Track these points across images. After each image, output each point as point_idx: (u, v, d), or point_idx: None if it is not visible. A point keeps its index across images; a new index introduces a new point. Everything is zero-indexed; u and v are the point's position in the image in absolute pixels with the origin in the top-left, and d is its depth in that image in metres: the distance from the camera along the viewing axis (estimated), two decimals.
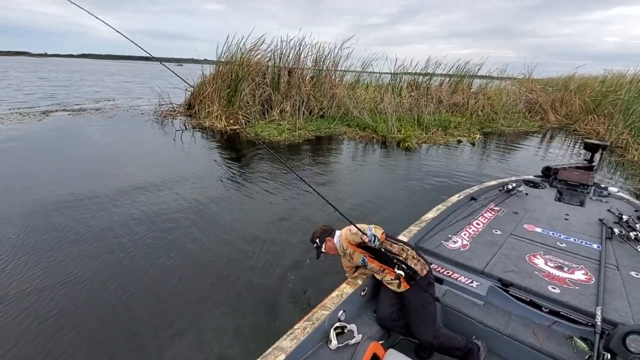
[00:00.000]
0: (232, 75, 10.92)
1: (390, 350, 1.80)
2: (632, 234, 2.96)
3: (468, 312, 2.31)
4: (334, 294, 2.06)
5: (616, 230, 3.01)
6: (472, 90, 15.62)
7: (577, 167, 4.34)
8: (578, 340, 2.06)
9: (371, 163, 7.82)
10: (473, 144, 10.49)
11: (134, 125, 10.69)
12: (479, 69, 15.59)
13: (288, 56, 11.96)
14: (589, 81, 16.77)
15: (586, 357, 1.93)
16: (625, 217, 3.27)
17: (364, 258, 2.20)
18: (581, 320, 2.10)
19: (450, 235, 2.92)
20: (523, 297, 2.23)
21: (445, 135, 10.99)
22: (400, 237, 2.72)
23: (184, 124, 10.91)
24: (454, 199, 3.58)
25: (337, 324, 1.94)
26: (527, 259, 2.60)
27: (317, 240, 2.33)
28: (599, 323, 1.98)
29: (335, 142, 9.67)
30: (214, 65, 11.88)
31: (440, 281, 2.55)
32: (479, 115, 14.15)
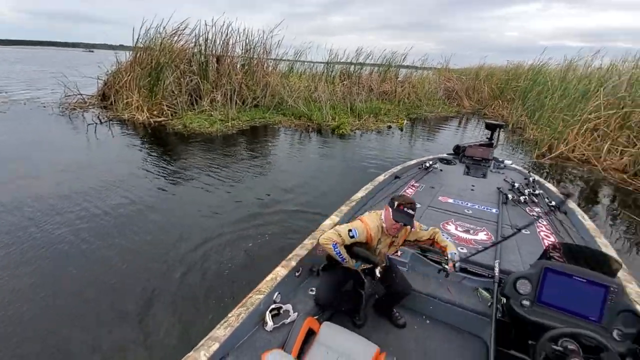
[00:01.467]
0: (152, 62, 10.01)
1: (325, 323, 1.89)
2: (522, 198, 3.50)
3: None
4: (268, 278, 2.08)
5: (510, 196, 3.53)
6: (399, 79, 16.63)
7: (480, 145, 4.96)
8: (482, 291, 2.39)
9: (308, 150, 7.92)
10: (401, 129, 11.25)
11: (34, 120, 9.22)
12: (404, 59, 16.65)
13: (215, 42, 11.36)
14: (495, 71, 19.05)
15: (489, 304, 2.26)
16: (517, 185, 3.85)
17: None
18: (484, 274, 2.44)
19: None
20: (438, 260, 2.51)
21: (376, 121, 11.59)
22: (333, 217, 2.84)
23: (98, 117, 9.72)
24: (380, 178, 3.83)
25: (273, 306, 1.97)
26: (442, 226, 2.91)
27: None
28: (497, 274, 2.31)
29: (271, 132, 9.56)
30: (131, 52, 10.75)
31: None
32: (406, 102, 15.17)
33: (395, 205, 2.02)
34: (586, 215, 3.16)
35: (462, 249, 2.60)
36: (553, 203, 3.43)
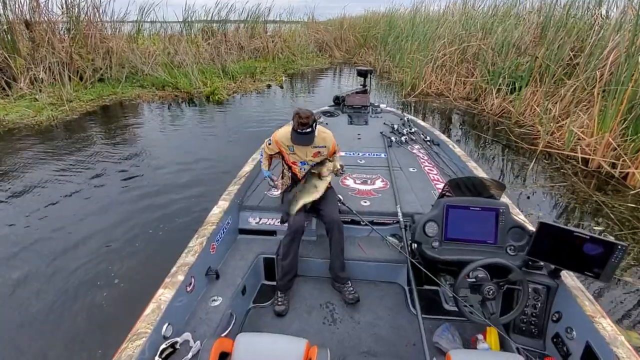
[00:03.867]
0: None
1: (239, 337, 1.53)
2: (403, 139, 3.68)
3: (304, 252, 2.31)
4: (148, 311, 1.55)
5: (393, 139, 3.66)
6: (268, 34, 15.76)
7: (357, 92, 5.01)
8: (390, 238, 2.40)
9: (183, 125, 6.84)
10: (281, 87, 10.85)
11: None
12: (269, 13, 15.72)
13: (20, 2, 8.35)
14: (356, 20, 19.92)
15: (399, 249, 2.27)
16: (395, 126, 4.02)
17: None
18: (389, 222, 2.44)
19: (272, 184, 2.80)
20: (345, 219, 2.39)
21: (254, 81, 10.85)
22: (221, 202, 2.38)
23: None
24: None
25: (163, 345, 1.48)
26: (340, 183, 2.80)
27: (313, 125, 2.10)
28: (401, 219, 2.33)
29: (131, 110, 7.88)
30: None
31: (273, 233, 2.44)
32: (280, 58, 14.63)
33: (292, 125, 2.11)
34: (455, 144, 3.52)
35: (365, 202, 2.53)
36: (428, 138, 3.72)
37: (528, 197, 3.96)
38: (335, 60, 17.08)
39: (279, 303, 2.10)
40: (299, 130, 2.07)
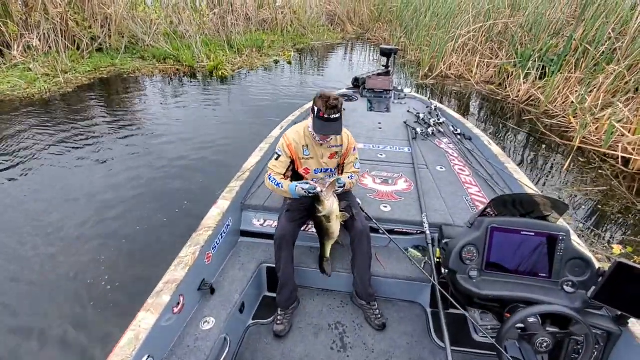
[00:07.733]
0: None
1: None
2: (430, 130, 3.24)
3: (314, 263, 2.00)
4: (124, 341, 1.24)
5: (418, 130, 3.22)
6: (277, 4, 14.87)
7: (379, 74, 4.50)
8: (412, 250, 2.06)
9: (186, 102, 6.39)
10: (290, 63, 10.24)
11: None
12: None
13: None
14: None
15: (422, 265, 1.94)
16: (421, 115, 3.55)
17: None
18: (412, 231, 2.09)
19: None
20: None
21: (261, 56, 10.24)
22: (221, 201, 2.05)
23: None
24: (276, 132, 3.06)
25: None
26: (358, 183, 2.43)
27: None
28: (428, 232, 1.97)
29: (131, 83, 7.43)
30: None
31: None
32: (289, 31, 13.84)
33: (316, 111, 1.69)
34: (490, 139, 3.08)
35: (385, 207, 2.18)
36: (458, 130, 3.28)
37: None
38: (348, 36, 16.18)
39: (278, 322, 1.81)
40: (326, 116, 1.67)
